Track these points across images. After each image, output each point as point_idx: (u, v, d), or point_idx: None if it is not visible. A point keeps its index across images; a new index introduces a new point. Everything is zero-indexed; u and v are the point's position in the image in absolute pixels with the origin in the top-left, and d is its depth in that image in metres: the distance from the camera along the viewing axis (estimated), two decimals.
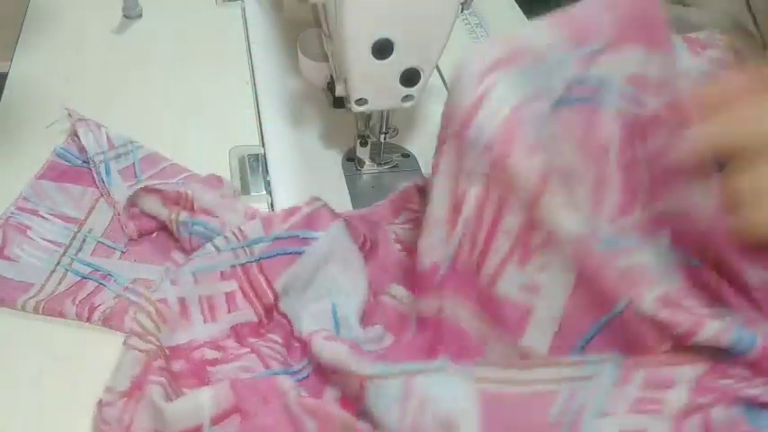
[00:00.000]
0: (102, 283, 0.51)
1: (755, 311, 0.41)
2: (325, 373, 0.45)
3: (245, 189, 0.60)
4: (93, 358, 0.47)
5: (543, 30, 0.42)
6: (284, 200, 0.59)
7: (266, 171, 0.62)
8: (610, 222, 0.43)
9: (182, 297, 0.47)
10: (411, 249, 0.51)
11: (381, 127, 0.60)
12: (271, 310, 0.49)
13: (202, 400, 0.40)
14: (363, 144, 0.61)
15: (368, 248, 0.53)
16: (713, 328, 0.38)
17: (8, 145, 0.62)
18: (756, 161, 0.37)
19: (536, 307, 0.42)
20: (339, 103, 0.59)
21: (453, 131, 0.42)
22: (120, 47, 0.74)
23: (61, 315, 0.49)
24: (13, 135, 0.63)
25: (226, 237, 0.49)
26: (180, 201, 0.52)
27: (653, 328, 0.39)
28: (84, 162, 0.59)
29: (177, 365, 0.45)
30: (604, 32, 0.42)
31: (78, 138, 0.60)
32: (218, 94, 0.69)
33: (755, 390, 0.39)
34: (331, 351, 0.43)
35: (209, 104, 0.68)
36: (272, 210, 0.58)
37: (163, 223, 0.53)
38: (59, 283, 0.51)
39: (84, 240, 0.54)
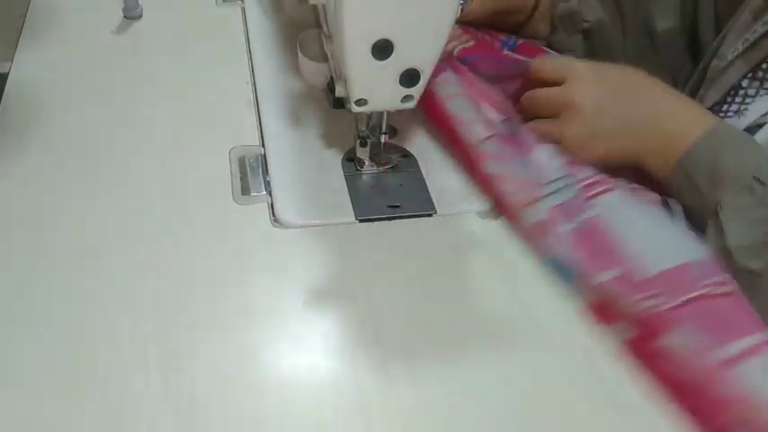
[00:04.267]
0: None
1: None
2: None
3: (245, 189, 0.60)
4: None
5: None
6: (284, 200, 0.59)
7: (266, 171, 0.62)
8: None
9: None
10: None
11: (381, 127, 0.60)
12: None
13: None
14: (363, 144, 0.61)
15: None
16: None
17: (9, 145, 0.62)
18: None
19: None
20: (339, 103, 0.60)
21: None
22: (121, 47, 0.74)
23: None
24: (13, 135, 0.63)
25: None
26: None
27: None
28: None
29: None
30: None
31: None
32: (218, 94, 0.69)
33: None
34: None
35: (209, 104, 0.68)
36: (272, 211, 0.58)
37: None
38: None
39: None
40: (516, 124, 0.62)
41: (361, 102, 0.55)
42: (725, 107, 0.62)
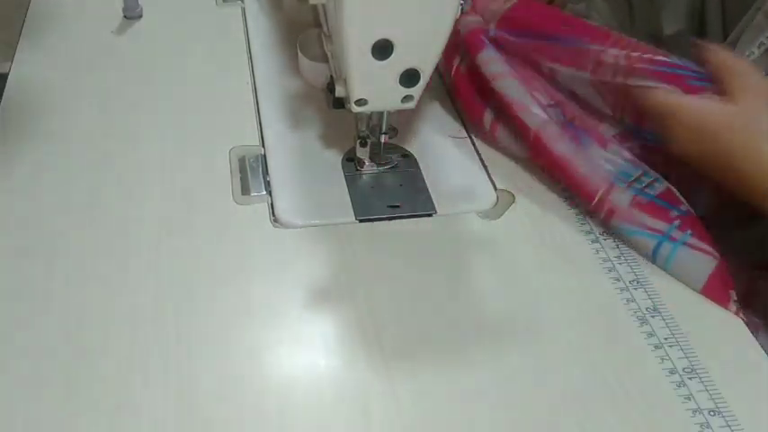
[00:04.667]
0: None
1: None
2: None
3: (245, 189, 0.60)
4: None
5: None
6: (284, 200, 0.59)
7: (266, 171, 0.62)
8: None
9: None
10: None
11: (381, 127, 0.60)
12: None
13: None
14: (363, 144, 0.61)
15: None
16: None
17: (9, 145, 0.62)
18: None
19: None
20: (339, 103, 0.60)
21: None
22: (120, 47, 0.74)
23: None
24: (13, 135, 0.63)
25: None
26: None
27: None
28: None
29: None
30: None
31: None
32: (219, 95, 0.69)
33: None
34: None
35: (209, 105, 0.68)
36: (272, 211, 0.58)
37: None
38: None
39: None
40: (561, 113, 0.61)
41: (361, 102, 0.55)
42: None
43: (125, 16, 0.77)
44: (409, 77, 0.54)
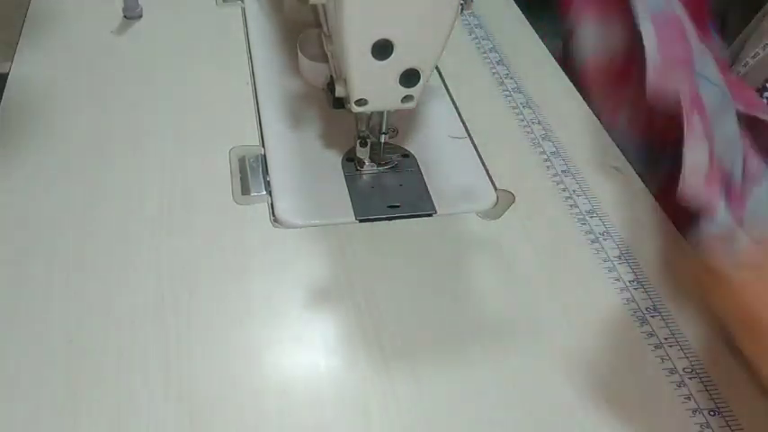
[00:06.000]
0: None
1: None
2: None
3: (245, 189, 0.60)
4: None
5: None
6: (284, 200, 0.59)
7: (266, 171, 0.62)
8: None
9: None
10: None
11: (381, 127, 0.60)
12: None
13: None
14: (363, 144, 0.61)
15: None
16: None
17: (9, 145, 0.62)
18: None
19: None
20: (339, 103, 0.60)
21: None
22: (120, 47, 0.74)
23: None
24: (13, 135, 0.63)
25: None
26: None
27: None
28: None
29: None
30: None
31: None
32: (218, 95, 0.69)
33: None
34: None
35: (209, 104, 0.68)
36: (272, 211, 0.58)
37: None
38: None
39: None
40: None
41: (361, 102, 0.55)
42: None
43: (125, 16, 0.77)
44: (409, 77, 0.54)
